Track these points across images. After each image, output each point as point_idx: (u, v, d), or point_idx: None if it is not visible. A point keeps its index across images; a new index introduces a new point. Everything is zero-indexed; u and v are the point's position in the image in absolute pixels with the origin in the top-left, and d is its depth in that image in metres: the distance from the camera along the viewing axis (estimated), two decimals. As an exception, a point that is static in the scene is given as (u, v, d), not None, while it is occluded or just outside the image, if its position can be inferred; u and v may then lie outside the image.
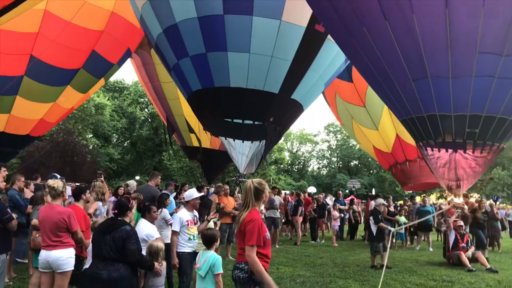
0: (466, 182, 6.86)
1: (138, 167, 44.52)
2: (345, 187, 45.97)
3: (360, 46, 6.78)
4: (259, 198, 3.98)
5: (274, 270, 9.25)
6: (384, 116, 13.57)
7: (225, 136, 10.17)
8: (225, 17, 8.71)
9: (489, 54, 5.75)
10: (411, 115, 6.91)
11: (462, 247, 10.94)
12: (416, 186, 14.76)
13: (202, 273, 4.69)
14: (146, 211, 5.77)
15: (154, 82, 13.89)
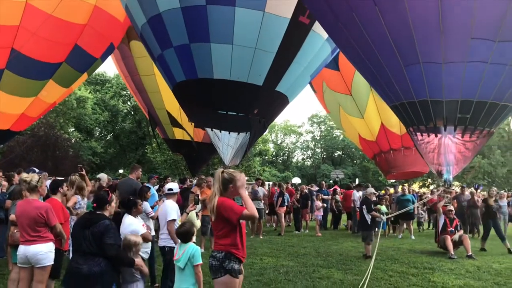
0: (456, 167, 6.87)
1: (122, 160, 44.17)
2: (329, 178, 46.27)
3: (349, 32, 6.70)
4: (226, 188, 3.98)
5: (257, 261, 9.29)
6: (370, 104, 13.65)
7: (211, 127, 10.10)
8: (207, 7, 8.62)
9: (482, 39, 5.72)
10: (401, 100, 6.87)
11: (450, 232, 10.98)
12: (399, 175, 14.90)
13: (181, 265, 4.66)
14: (133, 206, 5.69)
15: (134, 76, 13.71)
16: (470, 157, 6.92)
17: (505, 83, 6.11)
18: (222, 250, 3.88)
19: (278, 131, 64.97)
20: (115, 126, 45.28)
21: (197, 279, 4.63)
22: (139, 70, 13.41)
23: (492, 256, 10.90)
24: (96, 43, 11.54)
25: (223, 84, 9.40)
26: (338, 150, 61.66)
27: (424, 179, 38.11)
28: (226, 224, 3.92)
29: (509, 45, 5.76)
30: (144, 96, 13.96)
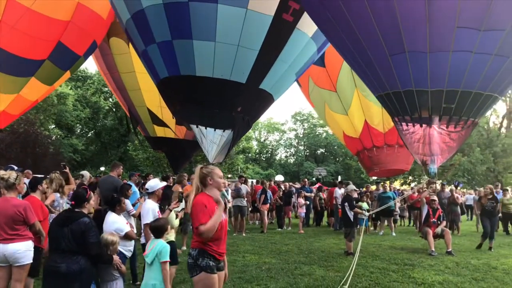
0: (441, 157, 6.91)
1: (103, 157, 43.72)
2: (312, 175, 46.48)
3: (337, 21, 6.68)
4: (205, 183, 3.99)
5: (240, 258, 9.30)
6: (354, 101, 13.74)
7: (197, 124, 10.05)
8: (189, 4, 8.55)
9: (467, 28, 5.75)
10: (387, 90, 6.87)
11: (433, 222, 10.97)
12: (381, 172, 15.04)
13: (149, 261, 4.67)
14: (117, 203, 5.61)
15: (113, 73, 13.53)
16: (455, 148, 6.96)
17: (489, 72, 6.14)
18: (196, 248, 3.87)
19: (262, 129, 65.02)
20: (97, 123, 44.79)
21: (163, 276, 4.62)
22: (119, 67, 13.25)
23: (471, 252, 11.09)
24: (79, 40, 11.39)
25: (205, 82, 9.36)
26: (321, 147, 61.99)
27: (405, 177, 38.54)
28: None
29: (493, 34, 5.80)
30: (124, 94, 13.80)
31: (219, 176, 4.07)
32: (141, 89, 13.28)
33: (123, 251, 5.33)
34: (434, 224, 10.99)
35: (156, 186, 6.24)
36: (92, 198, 4.74)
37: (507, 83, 6.56)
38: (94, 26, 11.46)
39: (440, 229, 10.98)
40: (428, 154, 6.84)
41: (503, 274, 8.44)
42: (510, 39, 5.87)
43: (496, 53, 5.97)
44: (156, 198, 6.21)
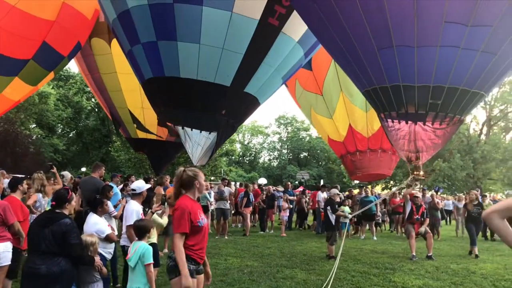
0: (426, 154, 6.92)
1: (84, 158, 43.22)
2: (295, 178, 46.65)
3: (326, 17, 6.66)
4: (191, 186, 3.96)
5: (222, 261, 9.27)
6: (339, 105, 13.82)
7: (182, 125, 10.00)
8: (174, 5, 8.52)
9: (455, 23, 5.76)
10: (374, 85, 6.83)
11: (416, 219, 10.85)
12: (364, 176, 15.14)
13: (132, 264, 4.63)
14: (99, 205, 5.56)
15: (94, 74, 13.32)
16: (440, 144, 6.95)
17: (476, 69, 6.14)
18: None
19: (246, 132, 65.10)
20: (78, 123, 44.27)
21: (148, 279, 4.59)
22: (100, 68, 13.08)
23: (450, 257, 11.24)
24: (64, 40, 11.24)
25: (189, 83, 9.32)
26: (304, 151, 62.32)
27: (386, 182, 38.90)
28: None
29: (480, 30, 5.80)
30: (105, 95, 13.61)
31: (203, 179, 4.09)
32: (122, 90, 13.14)
33: (103, 253, 5.28)
34: (417, 221, 10.86)
35: (143, 188, 6.19)
36: (73, 199, 4.68)
37: (494, 80, 6.55)
38: (79, 27, 11.33)
39: (424, 229, 10.83)
40: (413, 151, 6.84)
41: (481, 278, 8.57)
42: (497, 36, 5.87)
43: (483, 49, 5.97)
44: (141, 200, 6.16)
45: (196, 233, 3.87)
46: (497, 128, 35.65)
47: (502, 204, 2.64)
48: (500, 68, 6.32)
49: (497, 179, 34.93)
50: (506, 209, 2.60)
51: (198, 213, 3.93)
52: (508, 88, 33.28)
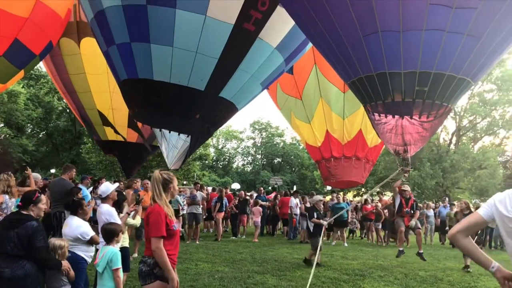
0: (414, 147, 6.86)
1: (54, 159, 42.33)
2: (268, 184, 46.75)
3: (310, 4, 6.58)
4: (167, 189, 3.95)
5: (193, 266, 9.18)
6: (318, 111, 13.92)
7: (160, 127, 9.88)
8: (148, 7, 8.43)
9: (439, 6, 5.72)
10: (359, 74, 6.73)
11: (406, 212, 10.60)
12: (337, 183, 15.25)
13: (100, 269, 4.56)
14: (78, 207, 5.43)
15: (62, 75, 13.01)
16: (428, 137, 6.90)
17: (462, 54, 6.12)
18: (152, 256, 3.78)
19: (220, 136, 64.97)
20: (49, 124, 43.32)
21: (116, 284, 4.51)
22: (68, 68, 12.80)
23: (419, 263, 11.40)
24: (36, 38, 10.96)
25: (163, 86, 9.23)
26: (278, 157, 62.60)
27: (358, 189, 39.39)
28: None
29: (465, 12, 5.78)
30: (74, 96, 13.31)
31: (177, 184, 4.09)
32: (92, 91, 12.88)
33: (85, 256, 5.20)
34: (407, 214, 10.59)
35: (109, 190, 6.06)
36: (41, 201, 4.55)
37: (479, 67, 6.51)
38: (52, 25, 11.08)
39: (414, 222, 10.52)
40: (400, 144, 6.80)
41: (448, 286, 8.74)
42: (481, 19, 5.86)
43: (468, 33, 5.95)
44: (111, 202, 6.04)
45: (170, 237, 3.85)
46: (466, 139, 36.53)
47: (464, 224, 2.77)
48: (485, 53, 6.29)
49: (465, 188, 35.76)
50: (469, 228, 2.75)
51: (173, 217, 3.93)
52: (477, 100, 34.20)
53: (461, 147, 33.83)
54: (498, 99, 33.05)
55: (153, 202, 3.90)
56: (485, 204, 2.81)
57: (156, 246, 3.71)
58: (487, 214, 2.73)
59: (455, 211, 15.03)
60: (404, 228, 10.44)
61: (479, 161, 32.23)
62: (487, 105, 33.40)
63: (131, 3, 8.53)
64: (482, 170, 32.59)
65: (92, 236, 5.22)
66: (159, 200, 3.87)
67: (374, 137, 13.95)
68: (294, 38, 9.53)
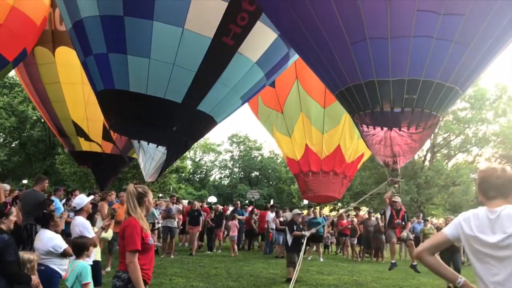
0: (403, 158, 6.83)
1: (27, 170, 41.38)
2: (245, 198, 46.61)
3: (298, 14, 6.53)
4: (142, 203, 3.90)
5: (167, 281, 9.03)
6: (298, 125, 13.99)
7: (138, 139, 9.76)
8: (125, 18, 8.38)
9: (428, 12, 5.71)
10: (348, 83, 6.65)
11: (397, 224, 10.13)
12: (315, 197, 15.29)
13: (69, 284, 4.46)
14: (49, 219, 5.31)
15: (37, 84, 12.80)
16: (418, 148, 6.88)
17: (450, 61, 6.10)
18: (127, 270, 3.70)
19: (197, 149, 64.60)
20: (22, 133, 42.39)
21: None
22: (43, 77, 12.59)
23: (393, 279, 11.46)
24: (10, 45, 10.78)
25: (139, 98, 9.16)
26: (256, 170, 62.56)
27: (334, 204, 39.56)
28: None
29: (453, 18, 5.78)
30: (48, 106, 13.07)
31: (152, 197, 4.05)
32: (66, 101, 12.68)
33: (58, 269, 5.09)
34: (399, 225, 10.12)
35: (83, 202, 5.96)
36: (12, 214, 4.43)
37: (468, 75, 6.49)
38: (27, 32, 10.91)
39: (406, 234, 10.11)
40: (389, 155, 6.77)
41: (422, 301, 8.80)
42: (469, 26, 5.86)
43: (456, 40, 5.95)
44: (85, 214, 5.93)
45: (145, 251, 3.79)
46: (440, 155, 37.13)
47: (429, 243, 2.89)
48: (473, 61, 6.28)
49: (439, 204, 36.27)
50: (433, 247, 2.85)
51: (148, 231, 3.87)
52: (452, 117, 34.90)
53: (435, 164, 34.36)
54: (471, 117, 33.77)
55: (128, 216, 3.84)
56: (451, 223, 2.88)
57: (131, 260, 3.65)
58: (451, 233, 2.81)
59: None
60: (395, 239, 10.16)
61: (453, 177, 32.77)
62: (460, 123, 34.07)
63: (108, 14, 8.48)
64: (456, 187, 33.12)
65: (65, 249, 5.11)
66: (134, 214, 3.81)
67: (352, 153, 14.08)
68: (274, 53, 9.57)
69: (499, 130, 34.55)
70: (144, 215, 3.97)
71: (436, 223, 23.01)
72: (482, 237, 2.65)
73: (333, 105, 12.71)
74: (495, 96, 34.63)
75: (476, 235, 2.68)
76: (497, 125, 34.88)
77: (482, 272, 2.67)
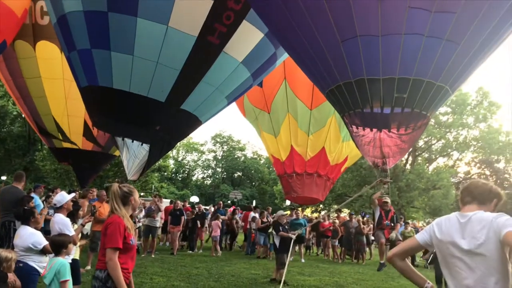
0: (392, 159, 6.80)
1: (6, 166, 40.64)
2: (227, 198, 46.55)
3: (288, 9, 6.44)
4: (127, 202, 3.84)
5: (147, 281, 8.96)
6: (284, 126, 14.00)
7: (122, 136, 9.65)
8: (109, 14, 8.26)
9: (419, 9, 5.67)
10: (338, 82, 6.58)
11: (386, 225, 10.14)
12: (298, 198, 15.33)
13: (47, 281, 4.40)
14: (30, 216, 5.22)
15: (17, 79, 12.55)
16: (407, 149, 6.84)
17: (441, 60, 6.07)
18: (105, 269, 3.63)
19: (180, 148, 64.33)
20: (2, 129, 41.65)
21: None
22: (24, 72, 12.36)
23: (374, 281, 11.56)
24: None
25: (122, 95, 9.05)
26: (238, 171, 62.56)
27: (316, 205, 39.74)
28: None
29: (444, 16, 5.75)
30: (29, 101, 12.82)
31: (138, 196, 3.98)
32: (47, 96, 12.46)
33: (37, 267, 5.00)
34: (387, 226, 10.16)
35: (64, 200, 5.88)
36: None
37: (458, 74, 6.47)
38: (7, 24, 10.66)
39: (395, 235, 10.11)
40: (379, 157, 6.74)
41: (401, 303, 8.88)
42: (460, 24, 5.84)
43: (447, 38, 5.92)
44: (65, 212, 5.86)
45: (127, 251, 3.73)
46: (421, 159, 37.60)
47: (400, 247, 2.98)
48: (464, 59, 6.26)
49: (419, 208, 36.70)
50: (404, 252, 2.95)
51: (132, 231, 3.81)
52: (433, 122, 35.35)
53: (417, 167, 34.77)
54: (452, 121, 34.28)
55: (111, 214, 3.78)
56: (424, 229, 2.96)
57: (110, 257, 3.58)
58: (422, 239, 2.89)
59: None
60: (384, 240, 10.06)
61: (433, 181, 33.17)
62: (442, 127, 34.57)
63: (92, 9, 8.38)
64: (436, 190, 33.56)
65: (44, 246, 5.04)
66: (118, 213, 3.75)
67: (336, 155, 14.14)
68: (260, 53, 9.52)
69: (479, 135, 35.14)
70: (131, 214, 3.92)
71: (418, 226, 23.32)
72: (452, 241, 2.71)
73: (320, 107, 12.77)
74: (476, 102, 35.21)
75: (446, 239, 2.74)
76: (477, 130, 35.49)
77: (452, 276, 2.73)
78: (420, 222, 36.93)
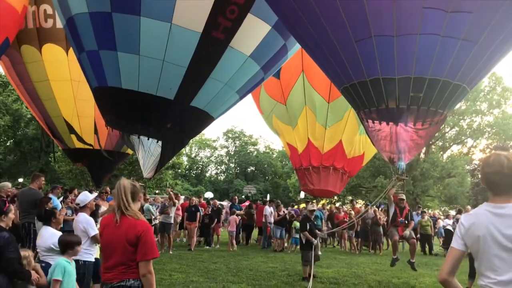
0: (408, 155, 6.71)
1: (22, 168, 41.23)
2: (241, 193, 46.66)
3: (302, 9, 6.40)
4: (136, 198, 3.54)
5: (166, 277, 9.04)
6: (302, 118, 13.97)
7: (138, 134, 9.71)
8: (113, 15, 8.27)
9: (434, 9, 5.61)
10: (352, 80, 6.52)
11: (400, 222, 9.89)
12: (314, 191, 15.34)
13: (47, 279, 4.44)
14: (52, 216, 5.29)
15: (26, 83, 12.70)
16: (423, 144, 6.74)
17: (457, 59, 5.98)
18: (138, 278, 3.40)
19: (193, 145, 64.56)
20: (17, 132, 42.18)
21: None
22: (32, 76, 12.46)
23: (392, 271, 11.50)
24: None
25: (131, 95, 9.08)
26: (252, 165, 62.59)
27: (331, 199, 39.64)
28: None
29: (460, 16, 5.66)
30: (39, 104, 12.97)
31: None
32: (56, 98, 12.56)
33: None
34: (402, 224, 9.91)
35: (87, 199, 5.94)
36: (11, 211, 4.42)
37: (476, 72, 6.38)
38: (9, 20, 10.60)
39: (409, 232, 9.91)
40: (395, 152, 6.65)
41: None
42: (477, 23, 5.75)
43: (464, 37, 5.83)
44: (88, 211, 5.93)
45: None
46: (435, 147, 37.27)
47: (449, 266, 2.62)
48: (481, 58, 6.18)
49: (434, 196, 36.42)
50: (455, 267, 2.60)
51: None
52: (446, 110, 35.02)
53: (431, 156, 34.47)
54: (465, 109, 33.88)
55: (120, 213, 3.38)
56: (454, 235, 2.66)
57: (149, 270, 3.35)
58: (460, 244, 2.61)
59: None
60: (397, 237, 9.89)
61: (448, 169, 32.88)
62: (455, 115, 34.20)
63: (97, 11, 8.41)
64: (451, 178, 33.27)
65: None
66: (129, 211, 3.38)
67: (353, 149, 14.08)
68: (269, 46, 9.42)
69: (493, 121, 34.70)
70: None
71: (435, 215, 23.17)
72: (488, 236, 2.46)
73: (337, 100, 12.63)
74: (489, 88, 34.75)
75: (480, 234, 2.49)
76: (492, 116, 35.05)
77: (488, 272, 2.49)
78: (436, 210, 36.63)
